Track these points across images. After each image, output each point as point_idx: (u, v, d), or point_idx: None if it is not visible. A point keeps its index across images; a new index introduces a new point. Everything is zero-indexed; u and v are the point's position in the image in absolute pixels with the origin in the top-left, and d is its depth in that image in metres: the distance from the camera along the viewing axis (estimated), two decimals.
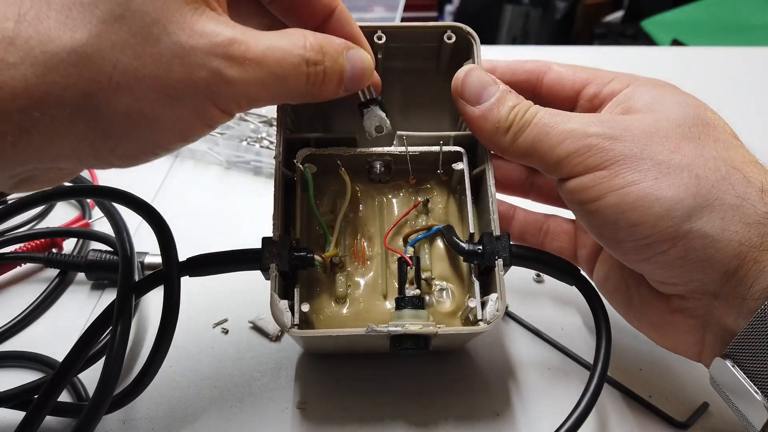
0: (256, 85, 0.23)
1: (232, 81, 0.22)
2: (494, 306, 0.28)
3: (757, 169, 0.26)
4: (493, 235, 0.29)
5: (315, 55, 0.24)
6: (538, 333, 0.37)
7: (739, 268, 0.25)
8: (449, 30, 0.32)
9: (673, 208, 0.25)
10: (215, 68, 0.22)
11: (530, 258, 0.30)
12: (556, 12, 2.52)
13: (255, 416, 0.32)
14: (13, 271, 0.41)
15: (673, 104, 0.28)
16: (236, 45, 0.22)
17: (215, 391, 0.33)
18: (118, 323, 0.28)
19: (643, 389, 0.34)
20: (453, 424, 0.32)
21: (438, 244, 0.33)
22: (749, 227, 0.25)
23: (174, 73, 0.21)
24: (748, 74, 0.81)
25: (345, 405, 0.32)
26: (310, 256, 0.29)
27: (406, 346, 0.27)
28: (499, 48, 1.50)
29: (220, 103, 0.23)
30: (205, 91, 0.22)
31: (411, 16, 3.07)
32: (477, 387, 0.34)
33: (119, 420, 0.32)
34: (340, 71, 0.26)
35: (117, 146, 0.22)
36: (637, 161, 0.26)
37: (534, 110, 0.28)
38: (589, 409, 0.28)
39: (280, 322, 0.27)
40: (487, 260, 0.28)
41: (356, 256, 0.33)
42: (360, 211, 0.34)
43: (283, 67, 0.23)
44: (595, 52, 0.96)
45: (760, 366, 0.25)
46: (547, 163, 0.28)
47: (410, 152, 0.32)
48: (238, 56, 0.22)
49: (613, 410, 0.33)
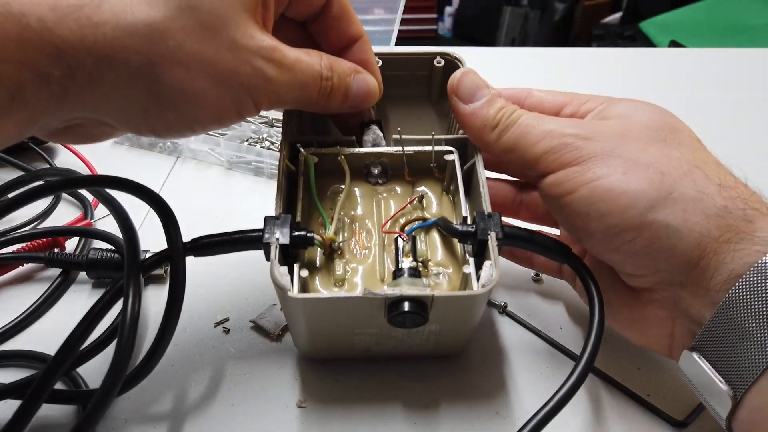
0: (284, 87, 0.28)
1: (269, 78, 0.27)
2: (489, 271, 0.28)
3: (717, 168, 0.29)
4: (485, 213, 0.30)
5: (326, 71, 0.30)
6: (536, 332, 0.37)
7: (700, 258, 0.27)
8: (439, 56, 0.37)
9: (638, 199, 0.27)
10: (258, 66, 0.27)
11: (523, 237, 0.32)
12: (555, 13, 2.53)
13: (255, 415, 0.32)
14: (14, 271, 0.41)
15: (644, 112, 0.31)
16: (277, 52, 0.27)
17: (216, 390, 0.34)
18: (129, 297, 0.28)
19: (641, 388, 0.34)
20: (453, 422, 0.32)
21: (434, 235, 0.34)
22: (709, 219, 0.27)
23: (225, 61, 0.26)
24: (746, 75, 0.81)
25: (345, 404, 0.33)
26: (310, 235, 0.30)
27: (403, 309, 0.27)
28: (498, 50, 1.51)
29: (255, 95, 0.27)
30: (246, 82, 0.26)
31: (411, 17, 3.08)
32: (476, 386, 0.34)
33: (121, 419, 0.32)
34: (346, 89, 0.31)
35: (164, 112, 0.26)
36: (608, 158, 0.28)
37: (519, 113, 0.31)
38: (588, 368, 0.28)
39: (279, 284, 0.27)
40: (480, 235, 0.30)
41: (355, 245, 0.34)
42: (358, 210, 0.35)
43: (305, 76, 0.29)
44: (594, 54, 0.96)
45: (725, 356, 0.26)
46: (526, 159, 0.31)
47: (406, 152, 0.34)
48: (276, 60, 0.27)
49: (610, 409, 0.33)
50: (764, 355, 0.24)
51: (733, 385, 0.26)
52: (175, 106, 0.25)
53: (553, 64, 0.85)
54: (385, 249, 0.33)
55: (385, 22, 0.60)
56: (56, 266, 0.40)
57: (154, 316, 0.38)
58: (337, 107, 0.31)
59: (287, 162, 0.33)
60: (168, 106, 0.25)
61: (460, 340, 0.34)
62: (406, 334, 0.31)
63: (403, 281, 0.30)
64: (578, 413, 0.33)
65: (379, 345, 0.32)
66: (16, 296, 0.39)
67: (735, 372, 0.25)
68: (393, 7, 0.59)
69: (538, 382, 0.34)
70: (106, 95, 0.24)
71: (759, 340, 0.24)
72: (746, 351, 0.25)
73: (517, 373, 0.35)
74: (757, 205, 0.27)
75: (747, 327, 0.25)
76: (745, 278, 0.25)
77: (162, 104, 0.25)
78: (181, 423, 0.32)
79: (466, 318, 0.30)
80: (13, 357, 0.35)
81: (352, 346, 0.32)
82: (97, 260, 0.39)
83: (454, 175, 0.34)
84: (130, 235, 0.32)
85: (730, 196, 0.27)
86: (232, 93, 0.26)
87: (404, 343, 0.32)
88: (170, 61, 0.24)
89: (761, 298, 0.25)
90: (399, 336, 0.31)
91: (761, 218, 0.27)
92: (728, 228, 0.26)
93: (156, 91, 0.25)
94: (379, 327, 0.30)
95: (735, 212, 0.27)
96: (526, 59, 0.90)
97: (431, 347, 0.33)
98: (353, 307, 0.28)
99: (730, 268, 0.26)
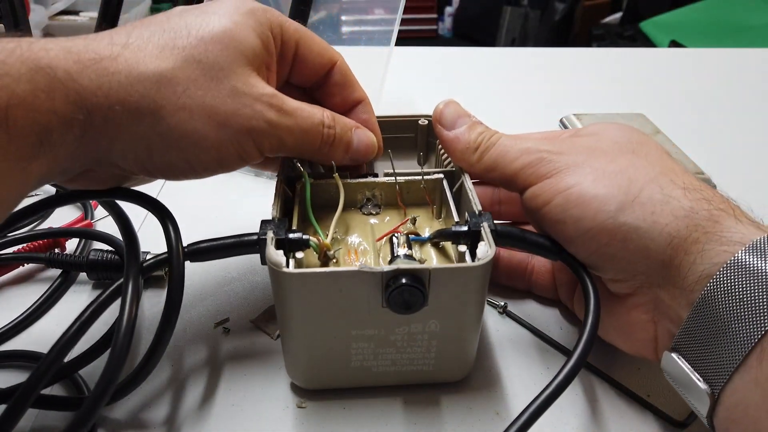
0: (286, 130, 0.30)
1: (270, 121, 0.29)
2: (484, 249, 0.29)
3: (682, 175, 0.30)
4: (476, 212, 0.31)
5: (329, 121, 0.32)
6: (537, 332, 0.37)
7: (673, 258, 0.28)
8: (422, 117, 0.40)
9: (607, 202, 0.29)
10: (259, 110, 0.29)
11: (515, 236, 0.33)
12: (555, 13, 2.53)
13: (255, 415, 0.32)
14: (15, 271, 0.41)
15: (614, 129, 0.34)
16: (277, 98, 0.30)
17: (216, 391, 0.34)
18: (126, 300, 0.28)
19: (641, 388, 0.34)
20: (453, 423, 0.32)
21: (428, 249, 0.34)
22: (678, 220, 0.28)
23: (226, 106, 0.28)
24: (745, 75, 0.81)
25: (345, 404, 0.33)
26: (306, 238, 0.30)
27: (401, 282, 0.27)
28: (498, 50, 1.51)
29: (256, 137, 0.29)
30: (246, 124, 0.29)
31: (411, 17, 3.08)
32: (476, 386, 0.34)
33: (120, 419, 0.32)
34: (348, 140, 0.33)
35: (168, 152, 0.28)
36: (579, 168, 0.31)
37: (498, 135, 0.34)
38: (585, 355, 0.28)
39: (273, 261, 0.27)
40: (473, 227, 0.30)
41: (350, 255, 0.34)
42: (353, 236, 0.36)
43: (307, 123, 0.31)
44: (594, 54, 0.96)
45: (702, 355, 0.27)
46: (506, 175, 0.33)
47: (398, 180, 0.36)
48: (276, 105, 0.30)
49: (611, 409, 0.33)
50: (738, 353, 0.25)
51: (711, 384, 0.26)
52: (178, 146, 0.28)
53: (553, 64, 0.85)
54: (381, 258, 0.33)
55: (385, 22, 0.60)
56: (57, 267, 0.40)
57: (155, 317, 0.38)
58: (339, 157, 0.34)
59: (284, 185, 0.34)
60: (171, 146, 0.28)
61: (463, 350, 0.32)
62: (407, 335, 0.30)
63: (400, 261, 0.30)
64: (578, 413, 0.33)
65: (377, 357, 0.31)
66: (16, 296, 0.40)
67: (712, 370, 0.26)
68: (393, 7, 0.59)
69: (538, 383, 0.34)
70: (117, 135, 0.26)
71: (732, 339, 0.25)
72: (721, 349, 0.26)
73: (517, 374, 0.35)
74: (722, 205, 0.28)
75: (720, 326, 0.26)
76: (716, 278, 0.26)
77: (165, 144, 0.27)
78: (181, 423, 0.32)
79: (467, 303, 0.29)
80: (13, 357, 0.35)
81: (349, 361, 0.31)
82: (97, 261, 0.39)
83: (443, 195, 0.36)
84: (130, 237, 0.32)
85: (695, 198, 0.28)
86: (233, 135, 0.28)
87: (405, 354, 0.31)
88: (174, 105, 0.27)
89: (732, 297, 0.25)
90: (399, 341, 0.30)
91: (727, 218, 0.27)
92: (696, 228, 0.27)
93: (160, 131, 0.27)
94: (377, 323, 0.29)
95: (701, 212, 0.28)
96: (526, 59, 0.90)
97: (433, 360, 0.32)
98: (350, 286, 0.28)
99: (701, 268, 0.27)
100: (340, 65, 0.36)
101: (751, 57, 0.87)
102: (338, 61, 0.36)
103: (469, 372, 0.34)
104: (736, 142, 0.63)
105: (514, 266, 0.40)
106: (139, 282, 0.29)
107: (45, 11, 1.59)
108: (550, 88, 0.76)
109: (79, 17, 1.75)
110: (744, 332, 0.25)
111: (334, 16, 0.71)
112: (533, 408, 0.27)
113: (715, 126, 0.67)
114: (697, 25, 1.75)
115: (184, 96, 0.27)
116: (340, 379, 0.33)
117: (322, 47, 0.35)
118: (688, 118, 0.68)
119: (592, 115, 0.56)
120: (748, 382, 0.25)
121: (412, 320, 0.29)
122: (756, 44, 1.51)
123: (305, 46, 0.34)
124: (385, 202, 0.37)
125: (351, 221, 0.37)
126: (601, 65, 0.84)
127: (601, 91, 0.76)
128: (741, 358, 0.25)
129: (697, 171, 0.47)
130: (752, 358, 0.24)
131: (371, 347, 0.31)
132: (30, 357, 0.35)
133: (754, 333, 0.24)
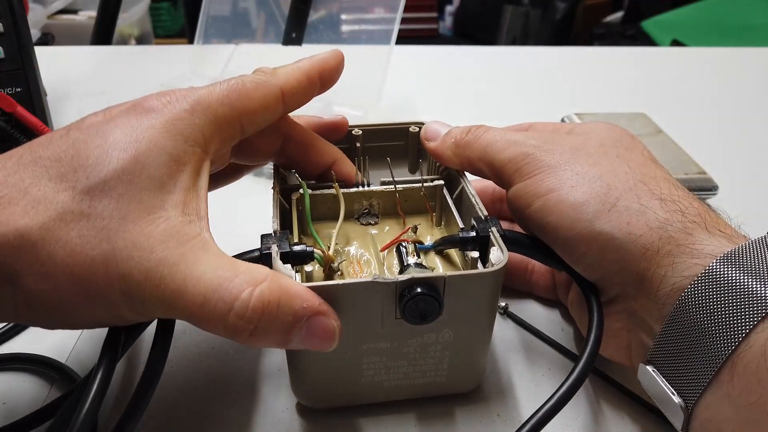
0: (163, 309, 0.24)
1: (142, 299, 0.23)
2: (497, 254, 0.28)
3: (663, 184, 0.30)
4: (481, 217, 0.31)
5: (250, 313, 0.23)
6: (538, 333, 0.37)
7: (646, 270, 0.28)
8: (413, 125, 0.39)
9: (583, 211, 0.29)
10: (136, 282, 0.23)
11: (524, 244, 0.32)
12: (556, 12, 2.53)
13: (255, 416, 0.32)
14: None
15: (603, 130, 0.33)
16: (162, 268, 0.23)
17: (215, 392, 0.33)
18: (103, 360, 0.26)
19: (642, 389, 0.34)
20: (453, 424, 0.32)
21: (433, 258, 0.34)
22: (652, 231, 0.28)
23: (96, 277, 0.23)
24: (747, 75, 0.81)
25: (355, 423, 0.32)
26: (310, 250, 0.29)
27: (416, 291, 0.26)
28: (499, 49, 1.50)
29: (133, 308, 0.24)
30: (120, 297, 0.23)
31: (411, 16, 3.07)
32: (476, 387, 0.34)
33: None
34: (282, 331, 0.24)
35: (38, 317, 0.25)
36: (560, 171, 0.30)
37: (487, 127, 0.34)
38: (588, 367, 0.28)
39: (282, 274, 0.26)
40: (482, 232, 0.30)
41: (354, 266, 0.33)
42: (354, 247, 0.35)
43: (204, 309, 0.23)
44: (595, 53, 0.96)
45: (675, 369, 0.26)
46: (495, 166, 0.33)
47: (397, 188, 0.36)
48: (155, 280, 0.23)
49: (612, 411, 0.33)
50: (709, 368, 0.24)
51: (684, 398, 0.26)
52: (46, 311, 0.24)
53: (554, 63, 0.85)
54: (386, 268, 0.33)
55: (385, 21, 0.60)
56: None
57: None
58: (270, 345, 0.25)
59: (281, 196, 0.33)
60: (40, 312, 0.24)
61: (476, 359, 0.32)
62: (420, 347, 0.29)
63: (412, 270, 0.29)
64: (579, 415, 0.32)
65: (389, 371, 0.30)
66: None
67: (686, 384, 0.26)
68: (393, 6, 0.59)
69: (539, 384, 0.34)
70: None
71: (703, 353, 0.25)
72: (693, 364, 0.25)
73: (518, 375, 0.35)
74: (696, 218, 0.28)
75: (692, 340, 0.25)
76: (688, 291, 0.26)
77: (32, 310, 0.24)
78: (181, 424, 0.32)
79: (480, 310, 0.29)
80: (13, 359, 0.35)
81: (360, 377, 0.30)
82: None
83: (444, 201, 0.35)
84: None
85: (671, 209, 0.28)
86: (104, 307, 0.24)
87: (417, 366, 0.30)
88: (37, 272, 0.23)
89: (702, 311, 0.25)
90: (412, 353, 0.29)
91: (700, 231, 0.27)
92: (668, 240, 0.27)
93: (23, 299, 0.23)
94: (390, 336, 0.28)
95: (675, 224, 0.27)
96: (527, 58, 0.90)
97: (446, 371, 0.31)
98: (363, 298, 0.27)
99: (672, 281, 0.26)
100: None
101: (752, 56, 0.86)
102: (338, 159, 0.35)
103: (480, 381, 0.33)
104: (738, 141, 0.63)
105: (513, 267, 0.40)
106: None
107: (44, 10, 1.59)
108: (552, 87, 0.76)
109: (78, 16, 1.75)
110: (714, 347, 0.24)
111: (334, 15, 0.71)
112: (538, 417, 0.26)
113: (717, 125, 0.67)
114: (698, 24, 1.75)
115: (48, 262, 0.23)
116: (349, 397, 0.32)
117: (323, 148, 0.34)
118: (690, 117, 0.68)
119: (593, 115, 0.56)
120: (721, 397, 0.24)
121: (426, 331, 0.29)
122: (758, 43, 1.51)
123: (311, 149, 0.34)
124: (382, 212, 0.37)
125: (350, 232, 0.36)
126: (602, 64, 0.84)
127: (602, 90, 0.76)
128: (713, 373, 0.24)
129: (698, 170, 0.47)
130: (724, 373, 0.24)
131: (383, 361, 0.30)
132: (35, 361, 0.34)
133: (724, 348, 0.24)
